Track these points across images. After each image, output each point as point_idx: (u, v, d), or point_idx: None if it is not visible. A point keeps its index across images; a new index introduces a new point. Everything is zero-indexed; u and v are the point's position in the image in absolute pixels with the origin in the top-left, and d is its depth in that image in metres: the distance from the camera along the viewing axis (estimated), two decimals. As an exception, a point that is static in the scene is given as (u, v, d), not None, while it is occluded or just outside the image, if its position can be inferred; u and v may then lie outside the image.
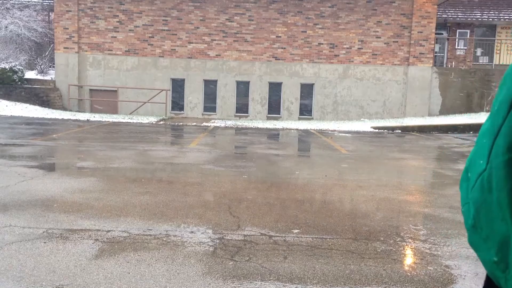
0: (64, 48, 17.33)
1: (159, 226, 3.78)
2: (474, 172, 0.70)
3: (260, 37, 17.48)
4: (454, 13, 20.49)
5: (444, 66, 20.07)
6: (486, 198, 0.66)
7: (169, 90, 17.51)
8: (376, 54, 17.49)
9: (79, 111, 17.24)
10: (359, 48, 17.48)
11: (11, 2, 19.57)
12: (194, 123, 14.83)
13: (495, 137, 0.66)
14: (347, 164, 7.63)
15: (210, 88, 17.71)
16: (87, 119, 14.52)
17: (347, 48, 17.50)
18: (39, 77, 18.10)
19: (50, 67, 18.81)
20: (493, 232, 0.64)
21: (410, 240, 3.71)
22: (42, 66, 18.45)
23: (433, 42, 17.36)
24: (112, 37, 17.43)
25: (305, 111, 17.81)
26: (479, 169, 0.69)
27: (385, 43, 17.43)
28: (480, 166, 0.69)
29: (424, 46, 17.31)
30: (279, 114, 17.74)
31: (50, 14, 20.29)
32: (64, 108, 17.29)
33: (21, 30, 18.78)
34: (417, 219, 4.39)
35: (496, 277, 0.64)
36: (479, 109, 17.25)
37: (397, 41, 17.42)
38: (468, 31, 20.72)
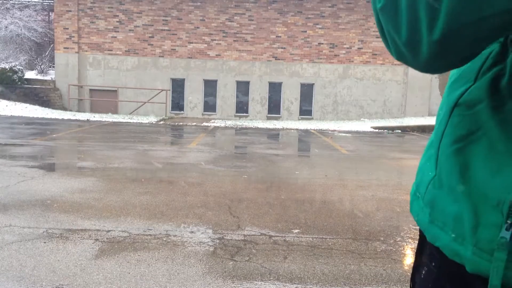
0: (64, 48, 17.33)
1: (159, 226, 3.78)
2: (424, 184, 0.75)
3: (260, 37, 17.47)
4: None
5: (444, 66, 20.05)
6: (437, 194, 0.71)
7: (169, 90, 17.51)
8: (376, 54, 17.48)
9: (79, 111, 17.25)
10: (359, 48, 17.48)
11: (11, 2, 19.58)
12: (194, 123, 14.83)
13: (439, 141, 0.72)
14: (347, 164, 7.63)
15: (210, 88, 17.71)
16: (87, 119, 14.52)
17: (347, 48, 17.50)
18: (39, 77, 18.11)
19: (50, 67, 18.81)
20: (448, 216, 0.69)
21: (410, 240, 3.71)
22: (42, 66, 18.46)
23: (433, 42, 17.34)
24: (112, 37, 17.43)
25: (305, 111, 17.81)
26: (428, 178, 0.74)
27: (385, 43, 17.41)
28: (429, 176, 0.74)
29: (424, 46, 17.29)
30: (279, 114, 17.74)
31: (50, 14, 20.29)
32: (64, 108, 17.29)
33: (21, 30, 18.79)
34: (417, 219, 4.38)
35: (458, 253, 0.68)
36: (479, 109, 17.22)
37: (397, 41, 17.40)
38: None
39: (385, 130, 14.37)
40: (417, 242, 0.83)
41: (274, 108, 17.77)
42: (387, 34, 0.61)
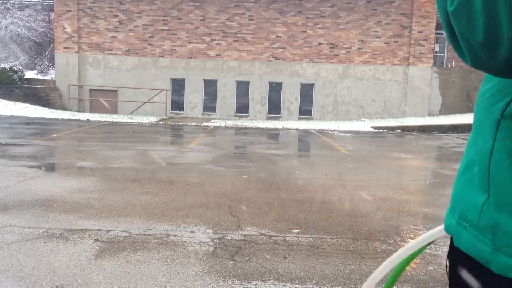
0: (64, 48, 17.33)
1: (159, 226, 3.78)
2: (474, 210, 0.69)
3: (260, 37, 17.47)
4: (454, 13, 20.45)
5: (444, 66, 20.06)
6: (497, 217, 0.65)
7: (169, 90, 17.51)
8: (376, 54, 17.48)
9: (79, 111, 17.25)
10: (359, 48, 17.48)
11: (11, 2, 19.57)
12: (194, 123, 14.83)
13: (489, 159, 0.67)
14: (347, 164, 7.63)
15: (210, 88, 17.71)
16: (87, 119, 14.52)
17: (347, 48, 17.49)
18: (39, 77, 18.10)
19: (50, 67, 18.81)
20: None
21: (410, 240, 3.71)
22: (42, 66, 18.46)
23: (433, 42, 17.35)
24: (112, 37, 17.42)
25: (305, 111, 17.81)
26: (479, 203, 0.68)
27: (385, 43, 17.42)
28: (479, 200, 0.68)
29: (424, 46, 17.31)
30: (279, 114, 17.74)
31: (50, 14, 20.28)
32: (64, 108, 17.29)
33: (21, 30, 18.78)
34: (417, 219, 4.39)
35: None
36: (479, 109, 17.22)
37: (397, 41, 17.41)
38: (468, 31, 20.68)
39: (385, 130, 14.37)
40: (457, 281, 0.72)
41: (274, 108, 17.77)
42: (460, 37, 0.59)
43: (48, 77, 18.07)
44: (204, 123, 14.89)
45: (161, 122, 14.87)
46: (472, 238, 0.68)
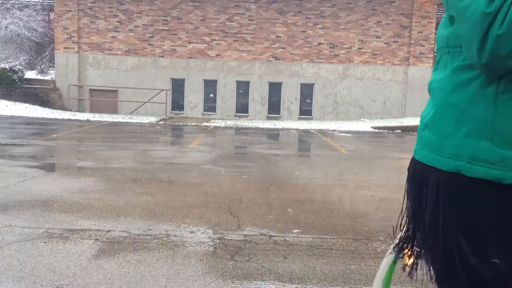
0: (64, 48, 17.33)
1: (159, 226, 3.78)
2: None
3: (260, 37, 17.47)
4: (454, 13, 20.46)
5: (444, 66, 20.05)
6: None
7: (169, 90, 17.51)
8: (376, 54, 17.48)
9: (79, 111, 17.25)
10: (359, 48, 17.48)
11: (11, 2, 19.57)
12: (194, 123, 14.83)
13: None
14: (347, 164, 7.63)
15: (210, 88, 17.71)
16: (87, 119, 14.53)
17: (347, 48, 17.50)
18: (39, 77, 18.11)
19: (50, 67, 18.81)
20: None
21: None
22: (42, 66, 18.46)
23: (433, 42, 17.35)
24: (112, 37, 17.43)
25: (305, 111, 17.81)
26: None
27: (385, 43, 17.42)
28: None
29: (424, 46, 17.31)
30: (279, 114, 17.74)
31: (50, 14, 20.29)
32: (64, 108, 17.29)
33: (21, 30, 18.78)
34: (417, 219, 4.38)
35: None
36: (479, 109, 17.22)
37: (397, 41, 17.42)
38: (468, 31, 20.69)
39: (385, 130, 14.37)
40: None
41: (274, 108, 17.77)
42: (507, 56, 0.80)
43: (48, 77, 18.07)
44: (204, 123, 14.89)
45: (161, 122, 14.87)
46: (485, 169, 0.89)
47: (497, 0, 0.80)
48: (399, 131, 14.29)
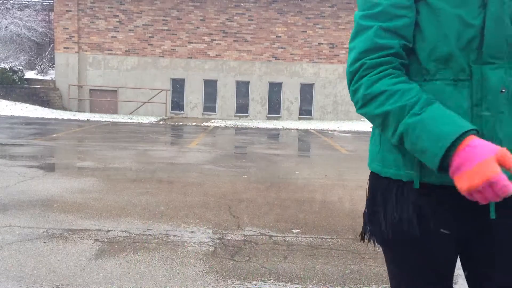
0: (64, 48, 17.33)
1: (159, 226, 3.78)
2: None
3: (260, 37, 17.47)
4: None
5: (444, 66, 20.04)
6: None
7: (169, 90, 17.51)
8: (376, 54, 17.47)
9: (79, 111, 17.25)
10: (359, 48, 17.46)
11: (11, 2, 19.57)
12: (194, 123, 14.83)
13: None
14: (347, 164, 7.63)
15: (210, 88, 17.71)
16: (87, 119, 14.53)
17: (347, 48, 17.47)
18: (39, 77, 18.11)
19: (50, 67, 18.81)
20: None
21: (410, 240, 3.71)
22: (42, 66, 18.46)
23: (433, 42, 17.34)
24: (112, 37, 17.42)
25: (305, 111, 17.81)
26: None
27: (385, 43, 17.41)
28: None
29: (424, 46, 17.30)
30: (279, 114, 17.74)
31: (50, 14, 20.29)
32: (64, 108, 17.29)
33: (21, 30, 18.78)
34: (417, 219, 4.38)
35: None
36: (479, 109, 17.21)
37: (397, 41, 17.40)
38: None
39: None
40: None
41: (274, 108, 17.77)
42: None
43: (48, 77, 18.07)
44: (204, 123, 14.89)
45: (161, 122, 14.87)
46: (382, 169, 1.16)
47: (356, 63, 1.02)
48: (399, 131, 14.28)
